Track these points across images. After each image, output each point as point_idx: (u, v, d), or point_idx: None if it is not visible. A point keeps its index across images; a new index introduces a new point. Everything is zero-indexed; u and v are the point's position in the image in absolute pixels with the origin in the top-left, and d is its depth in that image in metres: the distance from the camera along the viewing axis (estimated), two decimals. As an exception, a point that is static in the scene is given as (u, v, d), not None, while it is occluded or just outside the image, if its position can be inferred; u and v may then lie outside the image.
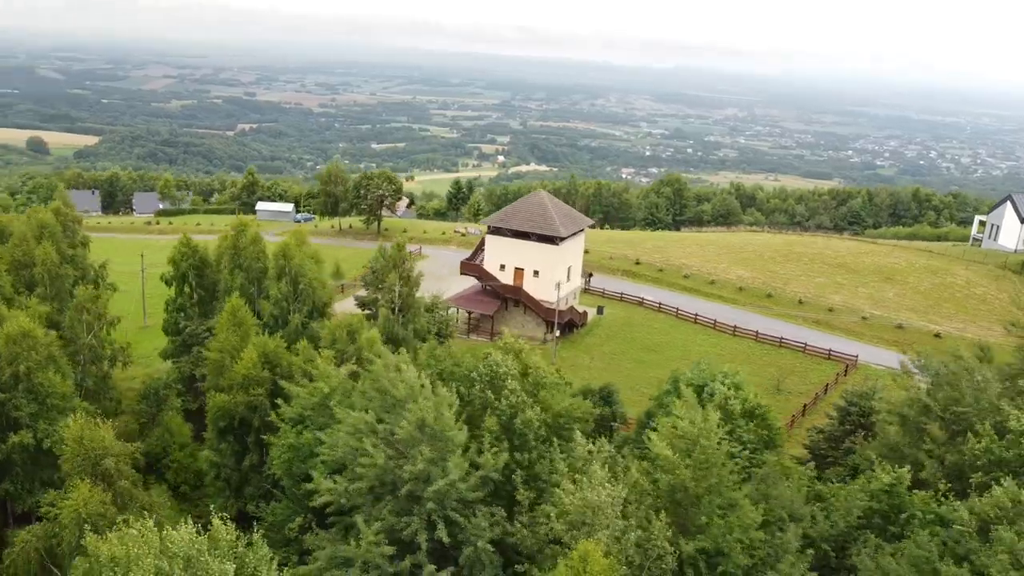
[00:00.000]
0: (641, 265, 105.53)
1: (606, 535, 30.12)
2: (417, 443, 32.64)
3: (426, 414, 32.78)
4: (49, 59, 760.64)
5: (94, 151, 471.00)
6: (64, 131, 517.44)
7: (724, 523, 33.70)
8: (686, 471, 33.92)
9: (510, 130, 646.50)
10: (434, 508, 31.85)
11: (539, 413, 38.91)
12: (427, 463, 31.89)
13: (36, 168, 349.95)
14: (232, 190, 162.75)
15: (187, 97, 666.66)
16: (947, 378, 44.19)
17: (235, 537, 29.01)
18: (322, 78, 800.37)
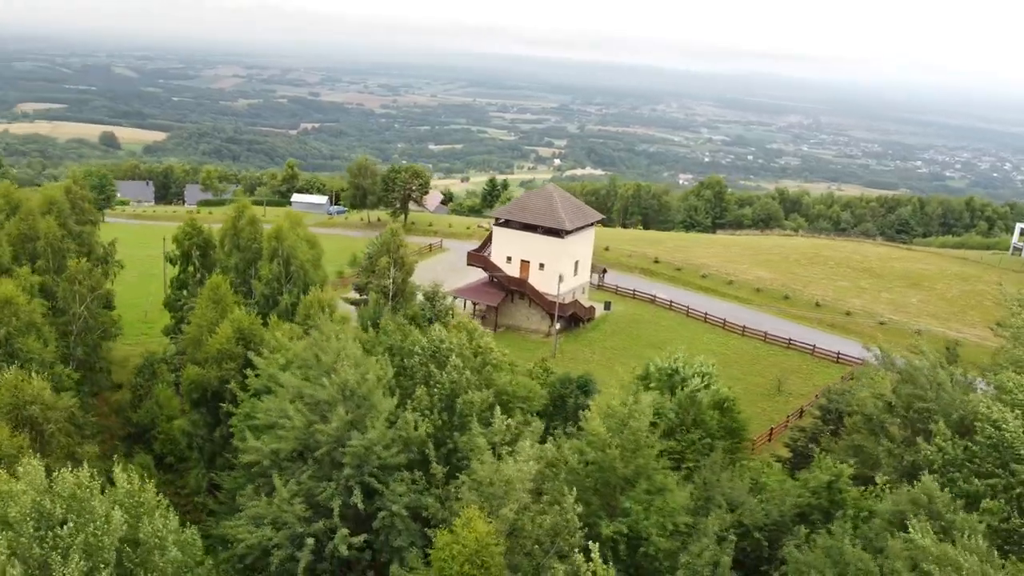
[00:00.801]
0: (659, 264, 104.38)
1: (513, 509, 30.05)
2: (337, 405, 33.17)
3: (348, 377, 33.28)
4: (126, 58, 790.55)
5: (162, 146, 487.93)
6: (135, 127, 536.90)
7: (645, 507, 33.34)
8: (615, 450, 33.66)
9: (568, 134, 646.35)
10: (352, 474, 32.29)
11: (484, 392, 38.92)
12: (344, 424, 32.38)
13: (105, 161, 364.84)
14: (272, 183, 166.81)
15: (254, 96, 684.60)
16: (908, 375, 42.82)
17: (137, 487, 30.02)
18: (384, 79, 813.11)
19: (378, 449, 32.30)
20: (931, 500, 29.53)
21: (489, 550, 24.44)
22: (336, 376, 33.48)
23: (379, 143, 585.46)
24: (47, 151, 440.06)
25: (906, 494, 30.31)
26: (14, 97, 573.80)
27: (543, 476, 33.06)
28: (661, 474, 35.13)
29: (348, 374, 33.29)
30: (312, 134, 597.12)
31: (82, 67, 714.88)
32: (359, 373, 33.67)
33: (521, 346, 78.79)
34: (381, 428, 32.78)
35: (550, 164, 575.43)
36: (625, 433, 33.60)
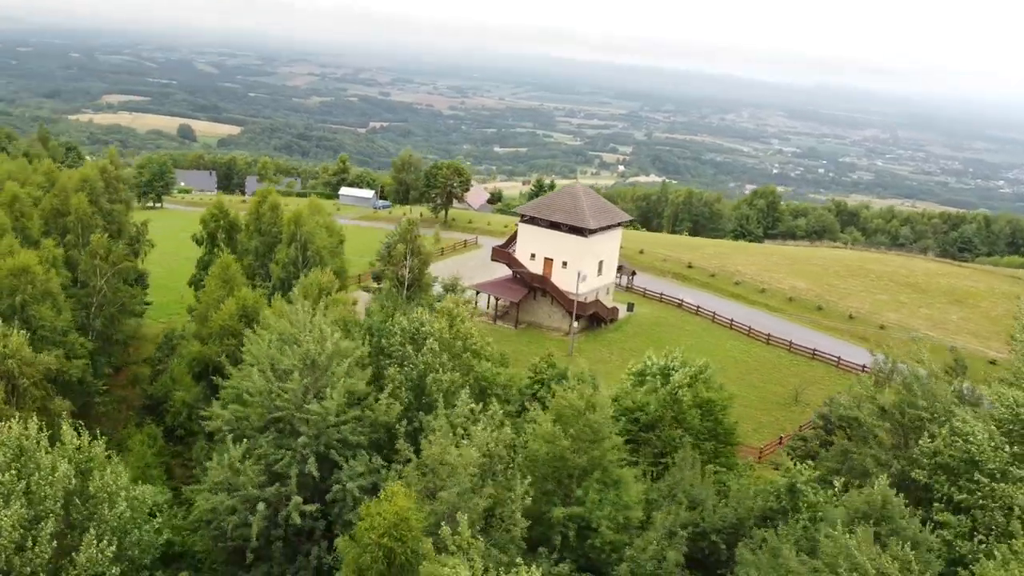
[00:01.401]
0: (693, 269, 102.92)
1: (454, 492, 30.22)
2: (295, 373, 34.02)
3: (309, 348, 34.05)
4: (208, 54, 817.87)
5: (236, 140, 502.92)
6: (211, 120, 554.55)
7: (597, 498, 33.15)
8: (566, 441, 33.60)
9: (634, 140, 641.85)
10: (308, 442, 33.01)
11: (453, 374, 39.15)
12: (300, 388, 33.17)
13: (180, 152, 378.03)
14: (325, 176, 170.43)
15: (326, 94, 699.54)
16: (907, 383, 41.57)
17: (88, 443, 31.27)
18: (454, 82, 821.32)
19: (332, 418, 32.87)
20: (885, 504, 28.65)
21: (408, 523, 24.67)
22: (298, 347, 34.28)
23: (445, 144, 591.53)
24: (127, 141, 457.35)
25: (859, 497, 29.47)
26: (100, 89, 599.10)
27: (497, 460, 33.12)
28: (618, 467, 34.85)
29: (309, 345, 34.06)
30: (380, 133, 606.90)
31: (166, 62, 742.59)
32: (319, 344, 34.39)
33: (540, 343, 78.71)
34: (339, 398, 33.36)
35: (613, 170, 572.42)
36: (579, 424, 33.44)
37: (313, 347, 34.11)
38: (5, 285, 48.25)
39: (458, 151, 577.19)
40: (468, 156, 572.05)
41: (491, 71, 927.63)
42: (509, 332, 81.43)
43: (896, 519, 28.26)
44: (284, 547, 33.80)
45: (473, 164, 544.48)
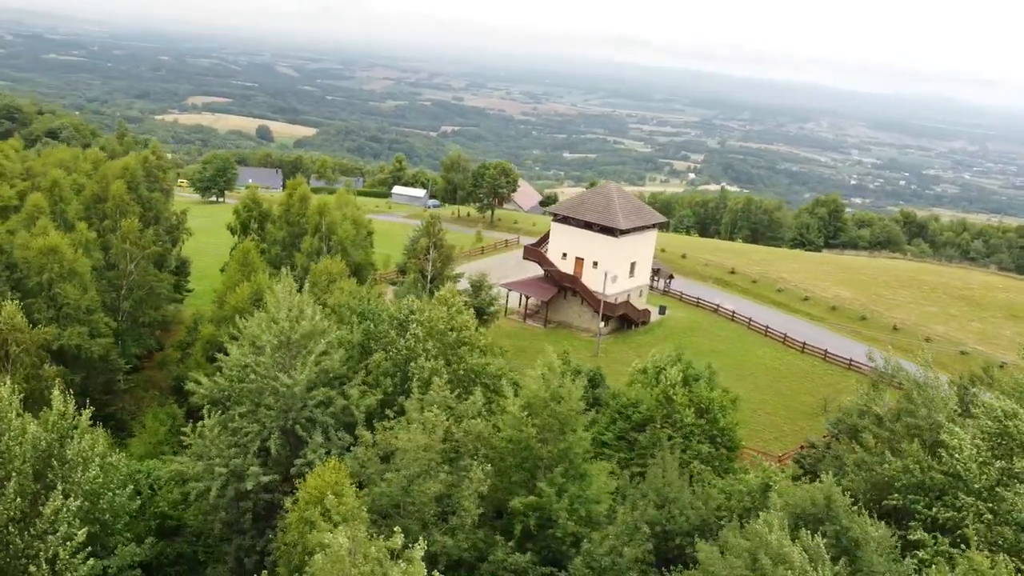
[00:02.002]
0: (735, 275, 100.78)
1: (401, 475, 30.36)
2: (267, 347, 34.85)
3: (284, 326, 34.81)
4: (289, 58, 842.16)
5: (311, 141, 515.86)
6: (289, 122, 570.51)
7: (559, 489, 32.82)
8: (531, 430, 33.39)
9: (706, 148, 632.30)
10: (275, 416, 33.76)
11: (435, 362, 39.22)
12: (272, 363, 33.94)
13: (250, 151, 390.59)
14: (381, 175, 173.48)
15: (401, 98, 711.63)
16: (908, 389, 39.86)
17: (72, 413, 32.59)
18: (527, 87, 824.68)
19: (299, 391, 33.49)
20: (829, 503, 27.62)
21: (333, 499, 24.92)
22: (275, 324, 35.11)
23: (515, 149, 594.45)
24: (208, 140, 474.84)
25: (801, 495, 28.48)
26: (187, 90, 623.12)
27: (458, 446, 33.15)
28: (586, 460, 34.43)
29: (283, 323, 34.85)
30: (451, 136, 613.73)
31: (249, 65, 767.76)
32: (293, 323, 35.15)
33: (568, 343, 78.00)
34: (308, 374, 33.98)
35: (683, 178, 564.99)
36: (544, 415, 33.16)
37: (286, 325, 34.92)
38: (35, 263, 50.81)
39: (527, 156, 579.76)
40: (537, 161, 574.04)
41: (566, 77, 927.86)
42: (538, 331, 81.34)
43: (841, 519, 27.14)
44: (254, 521, 34.61)
45: (541, 170, 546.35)
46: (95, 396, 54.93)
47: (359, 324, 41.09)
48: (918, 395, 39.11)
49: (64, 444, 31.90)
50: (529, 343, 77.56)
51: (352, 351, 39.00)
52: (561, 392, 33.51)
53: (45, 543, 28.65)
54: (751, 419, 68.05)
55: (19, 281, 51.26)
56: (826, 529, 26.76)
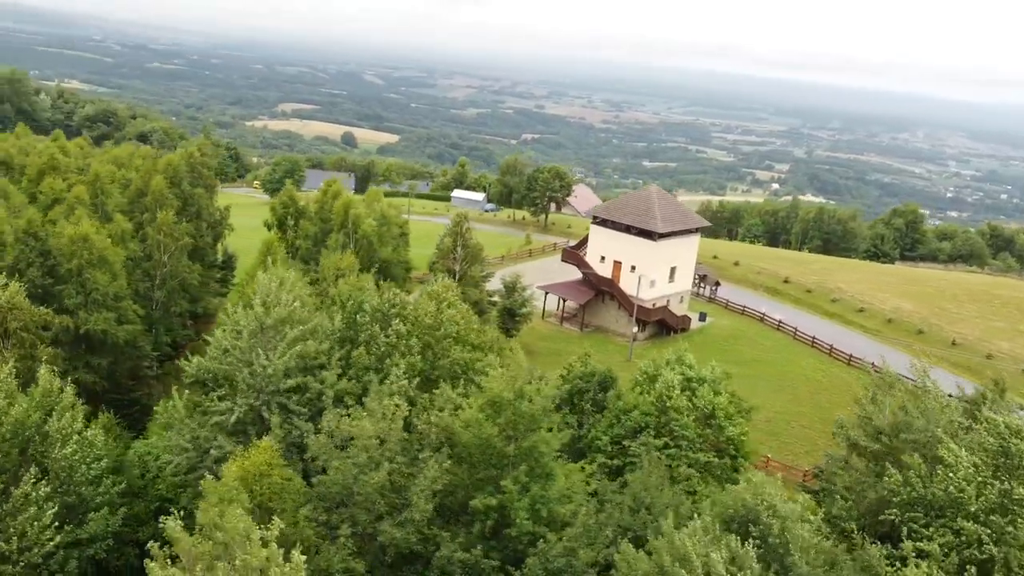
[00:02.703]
0: (789, 284, 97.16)
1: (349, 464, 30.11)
2: (244, 331, 35.31)
3: (258, 311, 35.23)
4: (376, 67, 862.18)
5: (393, 147, 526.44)
6: (373, 129, 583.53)
7: (520, 488, 32.00)
8: (493, 428, 32.60)
9: (792, 158, 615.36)
10: (249, 396, 34.20)
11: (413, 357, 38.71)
12: (249, 346, 34.37)
13: (327, 155, 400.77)
14: (443, 179, 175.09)
15: (483, 106, 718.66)
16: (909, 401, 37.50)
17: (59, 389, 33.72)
18: (609, 95, 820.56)
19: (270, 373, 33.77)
20: (760, 502, 26.14)
21: (263, 480, 24.86)
22: (250, 311, 35.58)
23: (594, 157, 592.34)
24: (294, 145, 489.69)
25: (729, 497, 27.09)
26: (277, 97, 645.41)
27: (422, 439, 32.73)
28: (555, 460, 33.42)
29: (258, 309, 35.27)
30: (531, 144, 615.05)
31: (337, 73, 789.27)
32: (267, 309, 35.52)
33: (603, 348, 76.87)
34: (281, 360, 34.22)
35: (767, 188, 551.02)
36: (508, 413, 32.35)
37: (260, 311, 35.34)
38: (66, 250, 53.01)
39: (606, 164, 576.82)
40: (616, 170, 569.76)
41: (648, 85, 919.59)
42: (574, 335, 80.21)
43: (763, 518, 25.55)
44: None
45: (620, 178, 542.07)
46: (121, 380, 57.07)
47: (341, 312, 41.12)
48: (913, 406, 36.81)
49: (46, 421, 33.01)
50: (563, 346, 76.51)
51: (332, 339, 39.03)
52: (526, 390, 32.62)
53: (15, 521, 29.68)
54: (784, 431, 65.37)
55: (52, 268, 53.59)
56: (753, 531, 25.26)
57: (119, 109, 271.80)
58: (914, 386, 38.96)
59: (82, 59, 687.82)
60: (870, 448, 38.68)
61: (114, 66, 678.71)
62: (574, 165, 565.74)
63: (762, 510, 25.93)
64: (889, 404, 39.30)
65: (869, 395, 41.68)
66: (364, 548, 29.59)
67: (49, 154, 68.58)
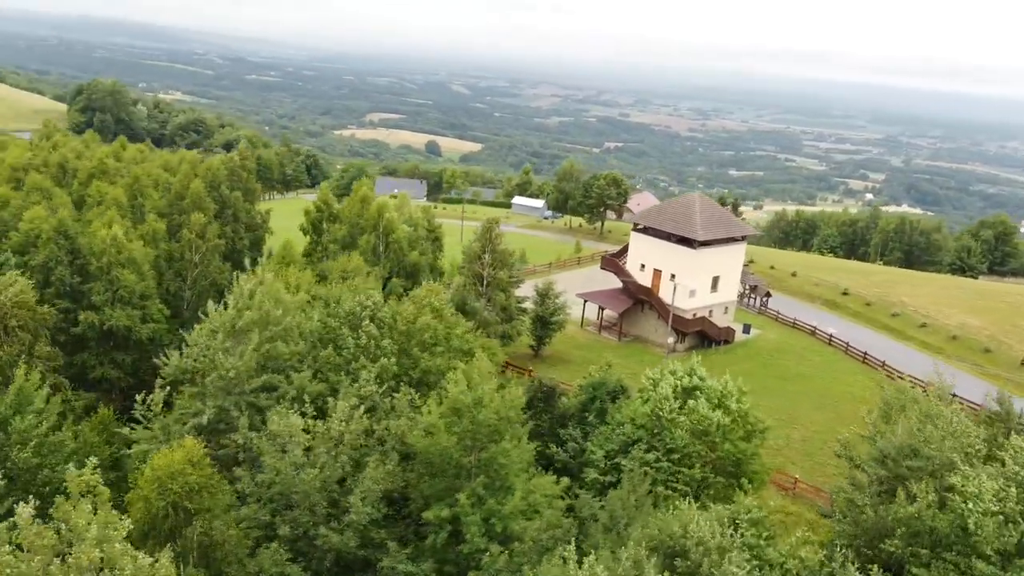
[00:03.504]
0: (848, 296, 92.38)
1: (287, 463, 29.66)
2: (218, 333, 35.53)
3: (231, 312, 35.41)
4: (463, 77, 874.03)
5: (476, 156, 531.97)
6: (457, 138, 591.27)
7: (469, 502, 30.82)
8: (450, 439, 31.53)
9: (888, 167, 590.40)
10: (215, 394, 34.36)
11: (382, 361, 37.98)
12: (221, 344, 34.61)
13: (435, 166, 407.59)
14: (508, 186, 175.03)
15: (566, 115, 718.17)
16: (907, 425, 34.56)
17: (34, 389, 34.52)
18: (697, 103, 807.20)
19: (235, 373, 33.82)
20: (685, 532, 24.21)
21: (177, 479, 24.57)
22: (224, 312, 35.78)
23: (678, 165, 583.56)
24: (379, 154, 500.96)
25: (657, 524, 25.17)
26: (366, 107, 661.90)
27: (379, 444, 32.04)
28: (518, 473, 32.08)
29: (231, 310, 35.43)
30: (613, 152, 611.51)
31: (425, 83, 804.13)
32: (238, 311, 35.61)
33: (639, 358, 74.56)
34: (241, 361, 34.24)
35: (860, 198, 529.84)
36: (465, 422, 31.25)
37: (233, 312, 35.47)
38: (97, 249, 54.95)
39: (690, 173, 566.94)
40: (700, 179, 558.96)
41: (738, 93, 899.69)
42: (611, 344, 78.19)
43: (691, 553, 23.48)
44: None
45: (704, 187, 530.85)
46: (146, 377, 58.56)
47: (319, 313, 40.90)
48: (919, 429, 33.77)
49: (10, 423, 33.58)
50: (598, 356, 74.55)
51: (312, 339, 38.84)
52: (485, 398, 31.40)
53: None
54: (819, 451, 61.73)
55: (82, 266, 55.62)
56: (679, 566, 23.28)
57: (208, 119, 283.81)
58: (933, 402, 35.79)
59: (186, 72, 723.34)
60: (876, 473, 35.96)
61: (215, 78, 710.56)
62: (657, 174, 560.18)
63: (691, 544, 23.98)
64: (902, 425, 36.31)
65: (879, 413, 38.65)
66: (308, 553, 29.09)
67: (99, 158, 71.62)
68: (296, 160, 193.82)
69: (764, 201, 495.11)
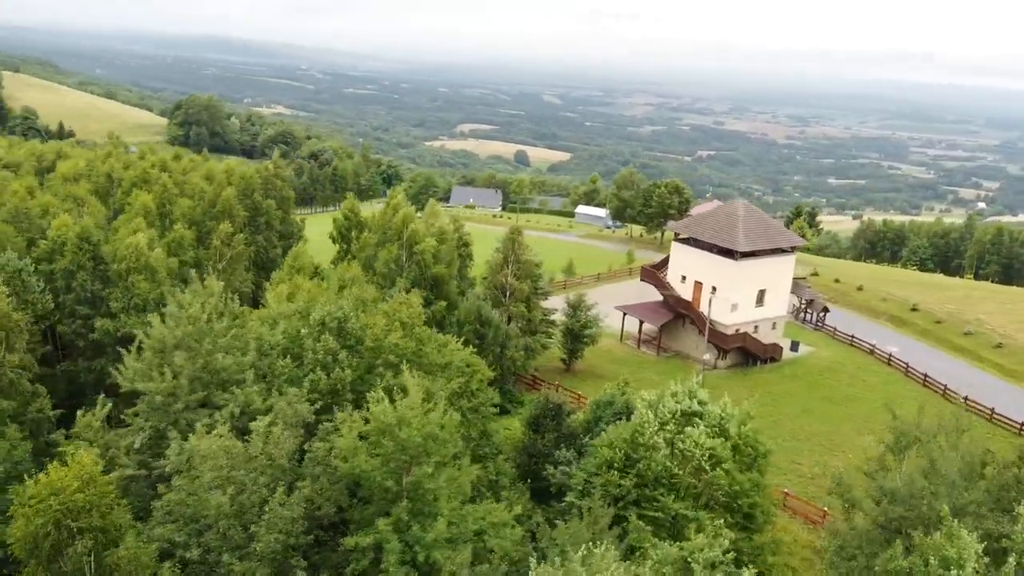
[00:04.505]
0: (917, 312, 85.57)
1: (196, 484, 28.53)
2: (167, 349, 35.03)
3: (168, 324, 34.89)
4: (555, 87, 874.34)
5: (564, 165, 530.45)
6: (546, 147, 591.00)
7: (388, 529, 28.81)
8: (371, 461, 29.54)
9: (1004, 175, 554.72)
10: (151, 415, 33.69)
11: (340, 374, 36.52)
12: (161, 359, 34.14)
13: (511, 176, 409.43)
14: (575, 196, 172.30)
15: (659, 124, 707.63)
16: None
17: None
18: (795, 110, 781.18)
19: (164, 388, 33.25)
20: None
21: (63, 495, 23.64)
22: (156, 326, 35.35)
23: (774, 174, 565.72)
24: (468, 164, 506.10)
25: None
26: (458, 118, 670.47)
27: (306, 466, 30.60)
28: (446, 498, 29.85)
29: (168, 323, 34.88)
30: (705, 161, 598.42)
31: (517, 94, 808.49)
32: (174, 322, 35.05)
33: (676, 376, 70.34)
34: (173, 381, 33.61)
35: (971, 207, 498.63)
36: (385, 442, 29.30)
37: (172, 324, 34.83)
38: (119, 255, 56.10)
39: (786, 182, 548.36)
40: (797, 188, 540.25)
41: (840, 99, 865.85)
42: (649, 359, 74.79)
43: None
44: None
45: (800, 196, 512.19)
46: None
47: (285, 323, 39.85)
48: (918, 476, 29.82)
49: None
50: (633, 371, 71.30)
51: (276, 351, 37.84)
52: (408, 417, 29.32)
53: None
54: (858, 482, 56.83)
55: (104, 273, 56.86)
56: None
57: (296, 130, 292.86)
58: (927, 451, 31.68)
59: (290, 87, 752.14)
60: (874, 516, 32.16)
61: (315, 92, 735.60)
62: (751, 183, 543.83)
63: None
64: (909, 463, 32.34)
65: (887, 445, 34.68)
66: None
67: (142, 168, 73.74)
68: (370, 171, 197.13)
69: (865, 211, 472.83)
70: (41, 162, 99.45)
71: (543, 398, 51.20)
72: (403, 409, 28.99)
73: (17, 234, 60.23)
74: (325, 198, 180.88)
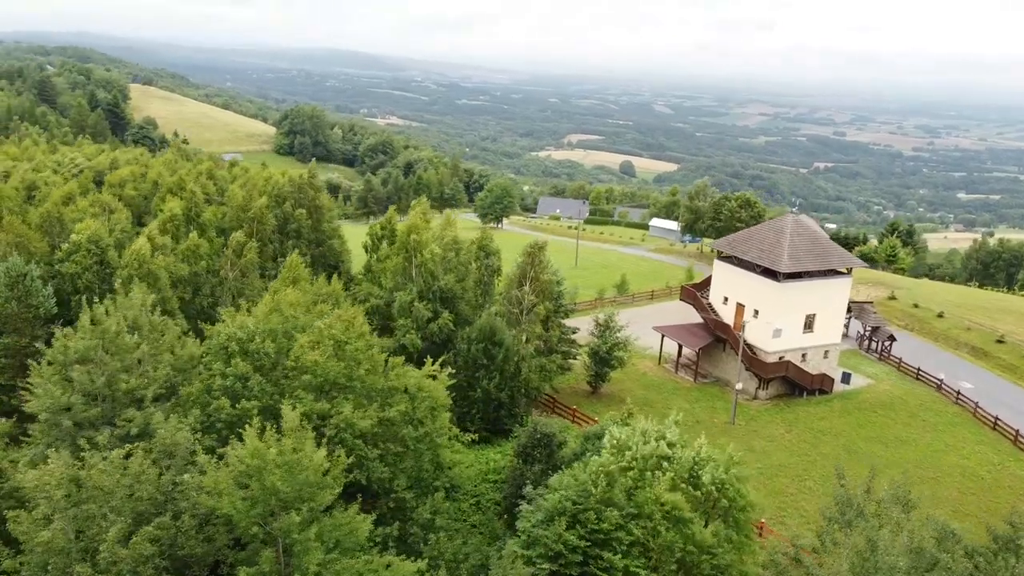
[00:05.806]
0: (1002, 344, 76.16)
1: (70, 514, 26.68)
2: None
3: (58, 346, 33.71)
4: (667, 97, 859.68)
5: (671, 176, 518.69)
6: (653, 158, 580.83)
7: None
8: (238, 503, 26.74)
9: None
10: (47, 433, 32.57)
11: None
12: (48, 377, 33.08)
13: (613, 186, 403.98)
14: (654, 208, 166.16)
15: (774, 134, 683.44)
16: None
17: None
18: (924, 120, 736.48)
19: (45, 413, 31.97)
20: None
21: None
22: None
23: (896, 187, 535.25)
24: (574, 175, 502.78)
25: None
26: (567, 129, 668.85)
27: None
28: (318, 550, 26.71)
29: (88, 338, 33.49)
30: (822, 174, 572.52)
31: (628, 104, 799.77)
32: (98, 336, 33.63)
33: (710, 405, 65.31)
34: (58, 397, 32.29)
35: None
36: (253, 484, 26.53)
37: (94, 340, 33.46)
38: (125, 261, 56.53)
39: (910, 196, 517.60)
40: (922, 202, 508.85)
41: (975, 108, 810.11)
42: (684, 385, 69.30)
43: None
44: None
45: (925, 211, 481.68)
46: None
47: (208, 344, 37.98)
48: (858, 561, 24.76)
49: None
50: (662, 398, 66.47)
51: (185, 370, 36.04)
52: (271, 457, 26.28)
53: None
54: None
55: (108, 277, 57.38)
56: None
57: (395, 140, 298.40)
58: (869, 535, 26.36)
59: (404, 98, 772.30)
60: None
61: (429, 103, 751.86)
62: (870, 196, 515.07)
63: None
64: (853, 543, 27.07)
65: (829, 517, 29.40)
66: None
67: (179, 175, 74.87)
68: (453, 180, 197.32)
69: (997, 227, 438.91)
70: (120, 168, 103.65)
71: (531, 427, 47.57)
72: (268, 451, 26.12)
73: (42, 239, 61.80)
74: (406, 207, 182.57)
